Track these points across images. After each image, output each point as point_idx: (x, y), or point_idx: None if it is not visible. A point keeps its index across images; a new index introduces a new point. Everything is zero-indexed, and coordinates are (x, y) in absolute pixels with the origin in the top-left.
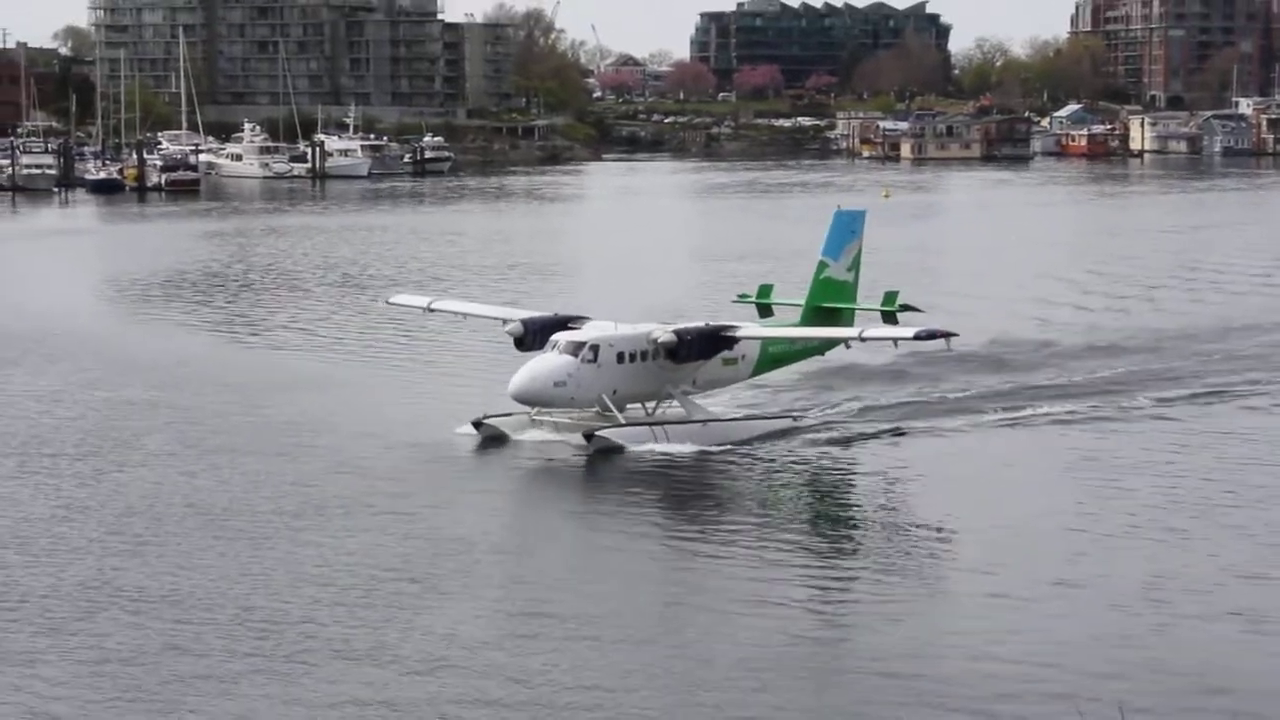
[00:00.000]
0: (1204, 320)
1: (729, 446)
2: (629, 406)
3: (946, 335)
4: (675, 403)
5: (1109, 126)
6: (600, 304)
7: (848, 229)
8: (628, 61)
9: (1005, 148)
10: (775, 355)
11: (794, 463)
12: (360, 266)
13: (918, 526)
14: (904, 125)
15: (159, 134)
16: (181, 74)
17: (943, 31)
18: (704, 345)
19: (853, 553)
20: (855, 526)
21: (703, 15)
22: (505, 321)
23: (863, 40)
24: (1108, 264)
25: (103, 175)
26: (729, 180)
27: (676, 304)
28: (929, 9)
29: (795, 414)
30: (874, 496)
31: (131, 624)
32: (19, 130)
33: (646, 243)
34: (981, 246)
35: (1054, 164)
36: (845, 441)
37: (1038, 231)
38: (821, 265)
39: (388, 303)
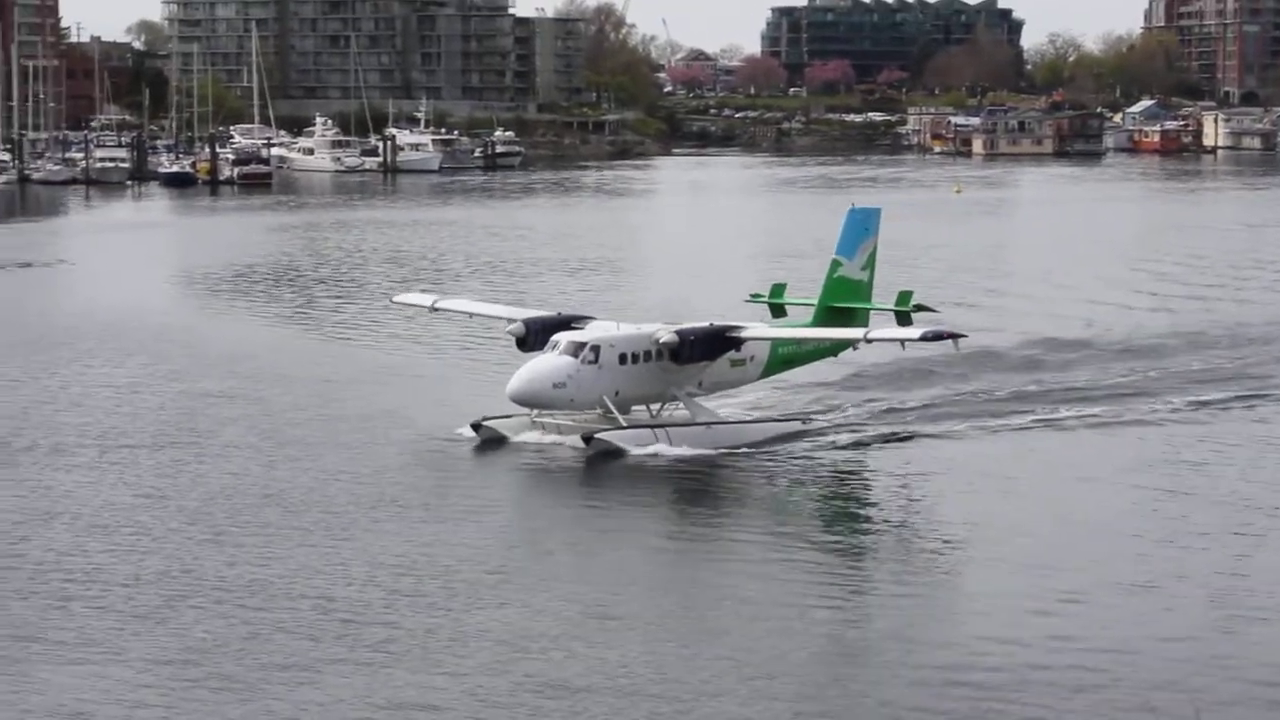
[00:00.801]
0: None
1: (736, 450)
2: (635, 409)
3: (954, 336)
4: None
5: (1182, 122)
6: (663, 300)
7: (862, 227)
8: (698, 56)
9: (1077, 143)
10: (786, 356)
11: (801, 466)
12: (430, 261)
13: (932, 530)
14: (976, 121)
15: (231, 128)
16: (254, 68)
17: (1015, 26)
18: (708, 346)
19: (874, 562)
20: (867, 533)
21: (774, 10)
22: (509, 321)
23: (934, 35)
24: (1179, 260)
25: (175, 169)
26: (799, 175)
27: (732, 302)
28: (1001, 4)
29: (806, 416)
30: (886, 501)
31: (215, 613)
32: (93, 124)
33: (713, 238)
34: (1049, 242)
35: (1126, 160)
36: (858, 444)
37: (1108, 228)
38: (835, 264)
39: (392, 302)
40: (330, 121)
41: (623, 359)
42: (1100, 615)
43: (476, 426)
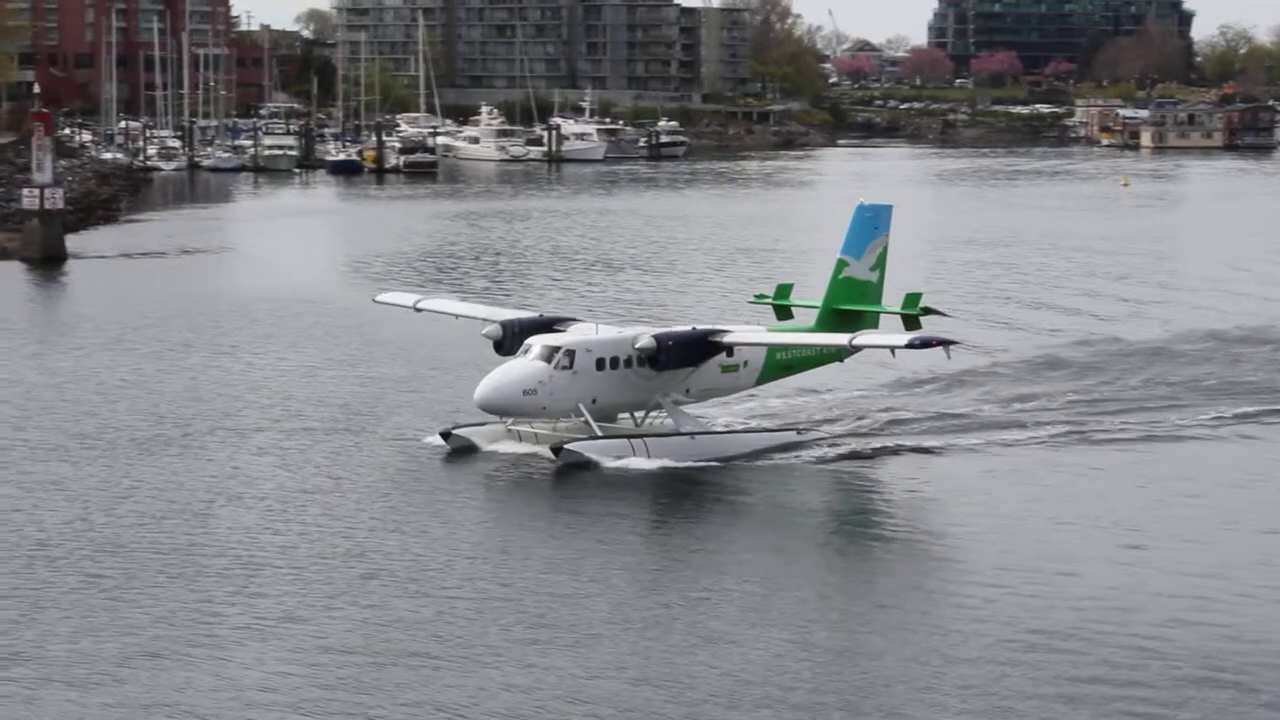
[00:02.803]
0: None
1: (722, 462)
2: (621, 417)
3: (945, 343)
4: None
5: None
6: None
7: (871, 225)
8: (864, 47)
9: (1248, 137)
10: (786, 362)
11: (785, 480)
12: (593, 250)
13: (923, 549)
14: (1144, 113)
15: (397, 116)
16: (420, 57)
17: (1185, 18)
18: (689, 351)
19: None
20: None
21: (941, 1)
22: (485, 323)
23: (1103, 27)
24: None
25: (342, 157)
26: (963, 167)
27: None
28: None
29: (801, 426)
30: (873, 519)
31: (413, 593)
32: (262, 112)
33: None
34: (1217, 237)
35: None
36: (856, 456)
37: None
38: (840, 264)
39: (374, 301)
40: (496, 110)
41: (600, 364)
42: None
43: (446, 435)
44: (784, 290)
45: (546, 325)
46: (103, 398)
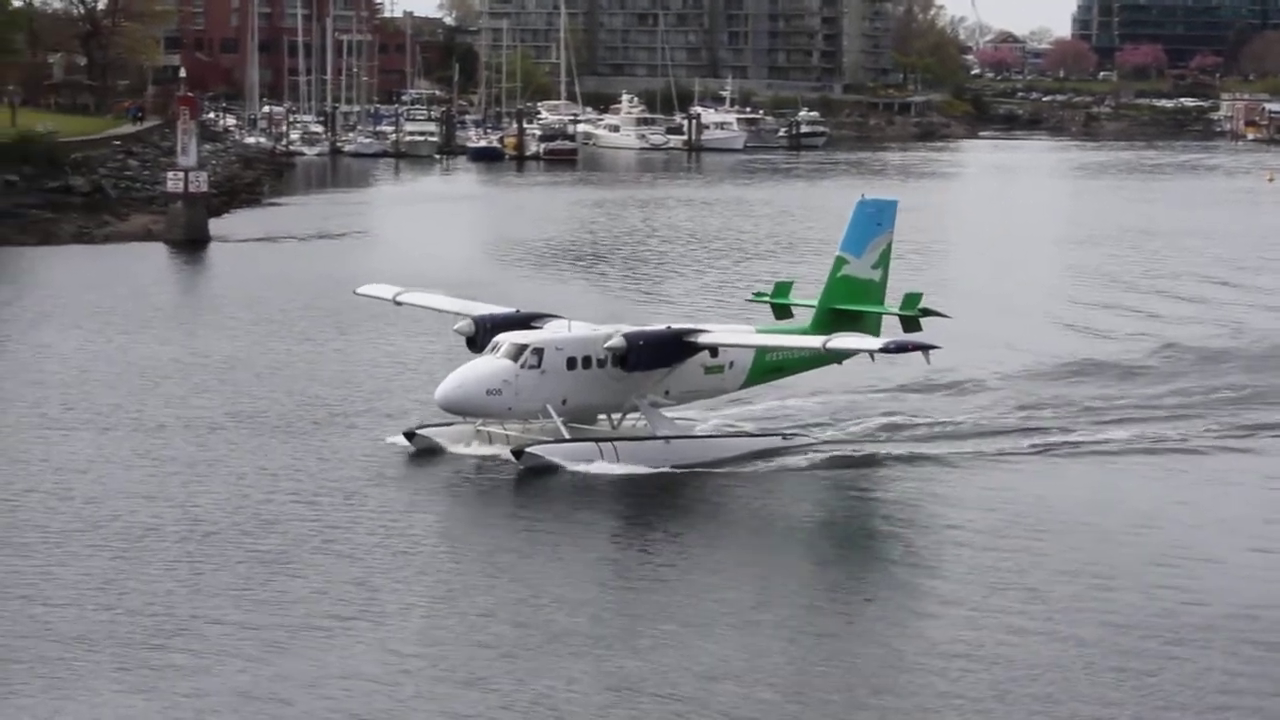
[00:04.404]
0: None
1: (699, 468)
2: (600, 419)
3: (924, 348)
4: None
5: None
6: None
7: (873, 221)
8: (1007, 39)
9: None
10: (775, 364)
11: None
12: (730, 239)
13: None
14: None
15: (538, 104)
16: (562, 45)
17: None
18: (661, 352)
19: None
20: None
21: None
22: (457, 317)
23: (1250, 20)
24: None
25: (483, 144)
26: (1105, 160)
27: (1009, 292)
28: None
29: (785, 432)
30: (842, 531)
31: (521, 579)
32: (404, 98)
33: (1014, 224)
34: None
35: None
36: (845, 464)
37: None
38: (839, 261)
39: (355, 293)
40: (636, 99)
41: (571, 364)
42: None
43: (410, 435)
44: (783, 288)
45: (523, 322)
46: (256, 378)
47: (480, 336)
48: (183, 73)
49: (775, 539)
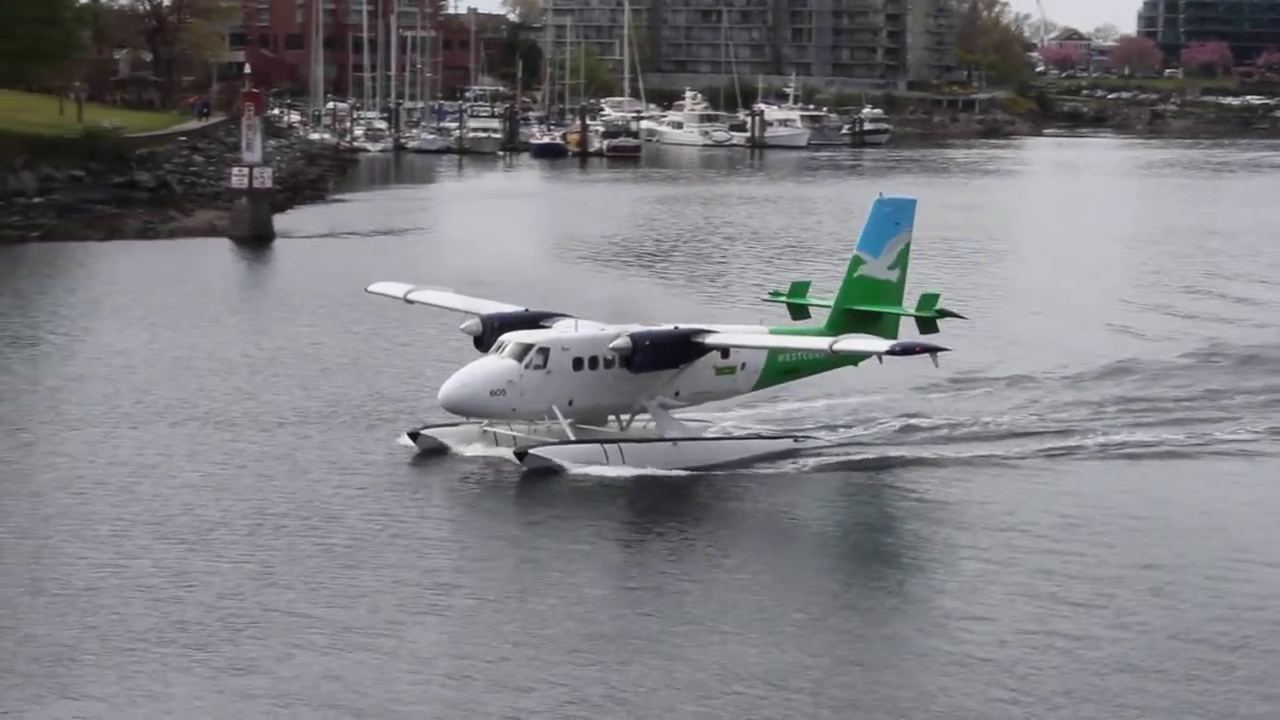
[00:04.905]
0: None
1: (708, 470)
2: (610, 419)
3: (931, 350)
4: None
5: None
6: (1025, 288)
7: (891, 220)
8: (1072, 36)
9: None
10: (789, 365)
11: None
12: (789, 235)
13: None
14: None
15: (602, 101)
16: (625, 42)
17: None
18: (668, 352)
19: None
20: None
21: None
22: (465, 315)
23: None
24: None
25: (546, 140)
26: (1170, 158)
27: (1065, 291)
28: None
29: (797, 434)
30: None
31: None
32: (467, 94)
33: (1080, 223)
34: None
35: None
36: (858, 466)
37: None
38: (856, 261)
39: (366, 291)
40: (699, 96)
41: (577, 364)
42: None
43: (414, 435)
44: (799, 288)
45: (531, 321)
46: (322, 373)
47: (487, 336)
48: (248, 69)
49: (792, 540)
